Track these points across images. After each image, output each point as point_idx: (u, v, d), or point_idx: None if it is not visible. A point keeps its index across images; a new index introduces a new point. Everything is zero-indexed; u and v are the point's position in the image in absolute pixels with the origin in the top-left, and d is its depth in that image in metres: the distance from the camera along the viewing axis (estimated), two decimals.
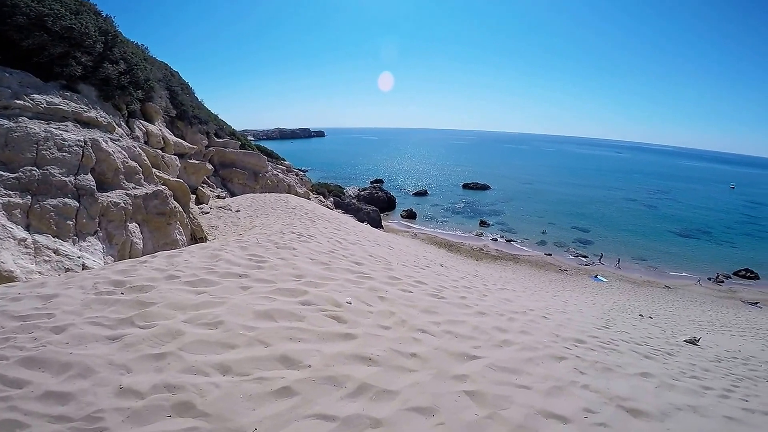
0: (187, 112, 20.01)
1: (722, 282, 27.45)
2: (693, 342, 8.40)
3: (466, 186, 58.95)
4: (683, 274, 28.22)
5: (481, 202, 48.73)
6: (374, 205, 34.78)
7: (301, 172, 36.30)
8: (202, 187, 16.02)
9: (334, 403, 2.35)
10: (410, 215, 38.61)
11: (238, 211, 13.29)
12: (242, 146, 27.53)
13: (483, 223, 37.68)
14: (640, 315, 14.33)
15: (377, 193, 42.08)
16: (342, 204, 31.08)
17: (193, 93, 26.40)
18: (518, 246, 32.09)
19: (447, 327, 4.03)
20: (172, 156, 11.96)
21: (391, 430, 2.23)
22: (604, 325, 7.29)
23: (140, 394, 2.19)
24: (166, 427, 2.02)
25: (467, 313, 4.77)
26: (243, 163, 24.49)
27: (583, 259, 29.86)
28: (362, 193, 41.33)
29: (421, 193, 51.76)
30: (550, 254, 30.28)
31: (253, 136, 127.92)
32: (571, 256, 30.35)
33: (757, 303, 23.14)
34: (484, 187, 58.42)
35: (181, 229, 8.60)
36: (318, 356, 2.81)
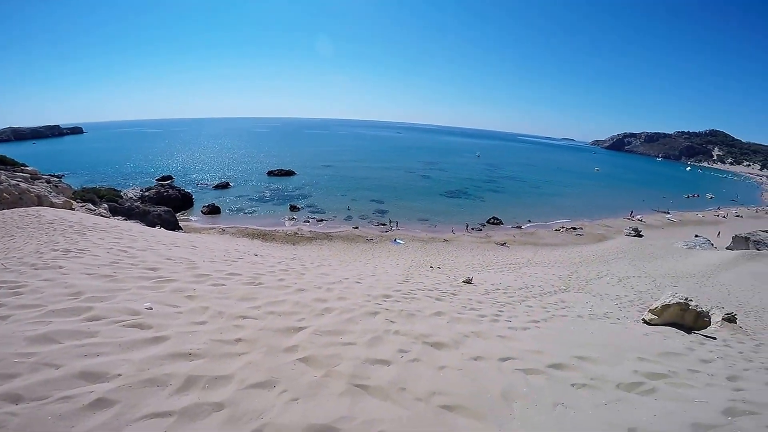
0: None
1: (480, 230, 34.49)
2: (468, 281, 10.39)
3: (271, 173, 57.53)
4: (453, 228, 34.18)
5: (288, 187, 48.59)
6: (166, 205, 30.39)
7: (55, 179, 28.75)
8: None
9: (164, 400, 2.24)
10: (213, 210, 35.38)
11: None
12: None
13: (293, 208, 37.70)
14: (431, 267, 16.94)
15: (167, 191, 36.84)
16: (122, 209, 25.94)
17: None
18: (329, 224, 33.38)
19: (268, 309, 4.09)
20: None
21: (237, 408, 2.27)
22: (405, 280, 8.33)
23: None
24: None
25: (287, 292, 4.87)
26: None
27: (383, 226, 33.13)
28: (147, 193, 35.46)
29: (223, 186, 47.94)
30: (357, 227, 32.65)
31: None
32: (374, 226, 33.29)
33: (504, 243, 29.86)
34: (290, 173, 58.32)
35: None
36: (127, 364, 2.54)
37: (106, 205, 25.39)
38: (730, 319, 7.56)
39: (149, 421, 2.06)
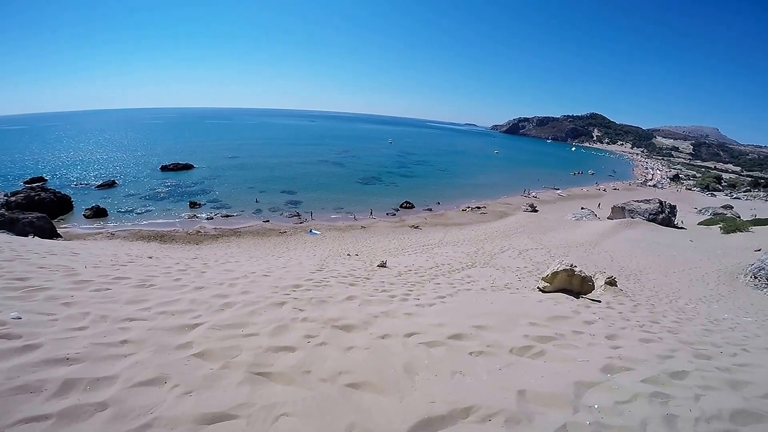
0: None
1: (394, 214, 35.49)
2: (383, 265, 10.76)
3: (165, 168, 52.46)
4: (369, 215, 34.75)
5: (187, 182, 44.80)
6: (39, 211, 26.46)
7: None
8: None
9: (39, 405, 2.13)
10: (98, 213, 31.47)
11: None
12: None
13: (194, 204, 35.03)
14: (348, 254, 17.06)
15: (39, 194, 31.90)
16: None
17: None
18: (236, 219, 31.68)
19: (160, 309, 3.91)
20: None
21: (123, 406, 2.21)
22: (319, 269, 8.35)
23: None
24: None
25: (183, 291, 4.69)
26: None
27: (297, 218, 32.43)
28: (14, 198, 30.47)
29: (108, 185, 42.63)
30: (268, 220, 31.46)
31: None
32: (287, 219, 32.38)
33: (417, 226, 31.01)
34: (188, 167, 53.83)
35: None
36: None
37: None
38: (611, 282, 8.50)
39: (23, 426, 1.97)
